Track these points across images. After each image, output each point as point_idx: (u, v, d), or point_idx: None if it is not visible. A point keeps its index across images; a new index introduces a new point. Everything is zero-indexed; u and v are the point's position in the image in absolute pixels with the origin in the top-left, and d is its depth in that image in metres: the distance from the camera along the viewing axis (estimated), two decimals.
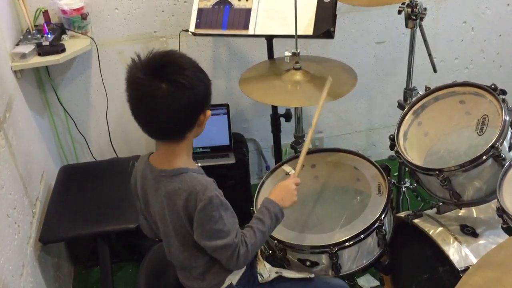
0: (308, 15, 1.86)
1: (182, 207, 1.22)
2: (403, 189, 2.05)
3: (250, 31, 1.91)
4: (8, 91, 1.82)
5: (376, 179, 1.64)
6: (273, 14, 1.90)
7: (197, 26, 1.98)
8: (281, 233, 1.53)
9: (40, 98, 2.31)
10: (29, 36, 2.04)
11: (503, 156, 1.38)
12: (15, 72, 1.96)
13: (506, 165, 1.32)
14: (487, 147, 1.37)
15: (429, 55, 1.94)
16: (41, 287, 1.78)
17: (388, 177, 1.62)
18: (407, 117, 1.62)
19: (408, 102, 1.90)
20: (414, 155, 1.60)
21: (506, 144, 1.41)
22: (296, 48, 1.77)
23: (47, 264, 1.90)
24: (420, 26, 1.84)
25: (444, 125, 1.62)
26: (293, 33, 1.79)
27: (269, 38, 2.01)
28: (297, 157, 1.80)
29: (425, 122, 1.64)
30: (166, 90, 1.15)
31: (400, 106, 1.90)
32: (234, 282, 1.39)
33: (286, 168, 1.77)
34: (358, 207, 1.63)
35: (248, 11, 1.92)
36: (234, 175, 2.38)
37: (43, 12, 2.12)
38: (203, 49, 2.42)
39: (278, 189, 1.41)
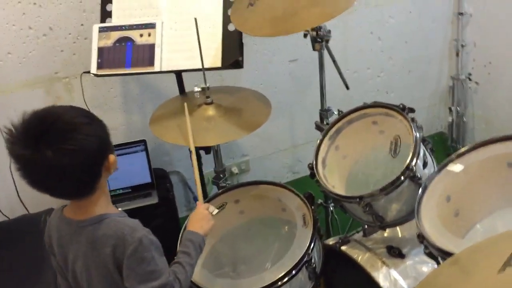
0: (214, 46, 1.81)
1: (110, 255, 1.16)
2: (331, 208, 2.04)
3: (156, 67, 1.82)
4: None
5: (300, 209, 1.60)
6: (178, 48, 1.83)
7: (99, 66, 1.86)
8: (213, 284, 1.47)
9: None
10: None
11: (419, 175, 1.38)
12: None
13: (422, 186, 1.33)
14: (403, 169, 1.37)
15: (340, 73, 1.94)
16: None
17: (312, 207, 1.59)
18: (323, 144, 1.60)
19: (324, 123, 1.89)
20: (335, 181, 1.59)
21: (420, 162, 1.42)
22: (205, 82, 1.71)
23: None
24: (327, 48, 1.83)
25: (361, 147, 1.63)
26: (205, 65, 1.73)
27: (178, 73, 1.94)
28: (221, 193, 1.75)
29: (342, 145, 1.63)
30: (52, 159, 1.06)
31: (318, 128, 1.88)
32: None
33: (210, 208, 1.69)
34: (287, 237, 1.60)
35: (151, 47, 1.83)
36: (160, 214, 2.28)
37: None
38: (111, 86, 2.31)
39: (194, 219, 1.40)
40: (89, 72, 1.90)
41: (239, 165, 2.76)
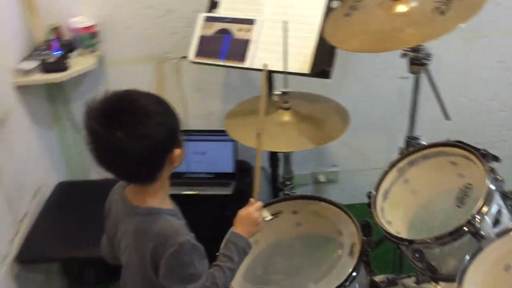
0: (306, 51, 1.76)
1: (150, 250, 1.17)
2: None
3: (247, 63, 1.83)
4: (2, 109, 1.85)
5: (351, 237, 1.51)
6: (272, 48, 1.81)
7: (197, 54, 1.93)
8: None
9: (49, 112, 2.34)
10: (37, 52, 2.07)
11: (483, 233, 1.22)
12: (17, 87, 1.99)
13: (476, 247, 1.16)
14: (464, 221, 1.22)
15: (439, 102, 1.78)
16: None
17: (368, 237, 1.49)
18: (389, 175, 1.49)
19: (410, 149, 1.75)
20: (396, 216, 1.47)
21: (488, 218, 1.25)
22: (286, 86, 1.68)
23: (31, 282, 1.91)
24: (427, 71, 1.69)
25: (434, 186, 1.48)
26: (291, 69, 1.71)
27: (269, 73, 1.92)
28: (280, 200, 1.72)
29: (413, 180, 1.51)
30: (121, 140, 1.09)
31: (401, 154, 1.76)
32: None
33: (264, 213, 1.67)
34: (336, 262, 1.53)
35: (247, 42, 1.84)
36: (233, 206, 2.30)
37: (54, 29, 2.15)
38: (215, 73, 2.37)
39: (242, 219, 1.34)
40: (186, 57, 1.96)
41: (327, 174, 2.70)
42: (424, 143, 1.74)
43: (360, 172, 2.69)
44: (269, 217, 1.65)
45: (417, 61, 1.62)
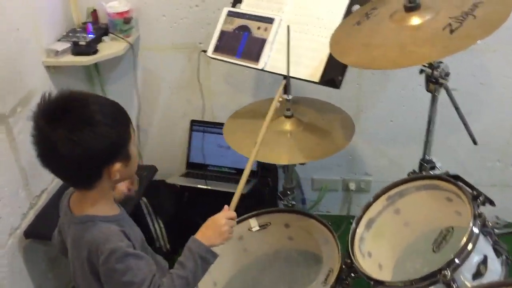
0: (320, 57, 1.66)
1: (86, 258, 1.18)
2: None
3: (260, 65, 1.76)
4: (27, 87, 1.93)
5: (330, 263, 1.42)
6: (290, 51, 1.72)
7: (216, 49, 1.89)
8: None
9: (88, 91, 2.42)
10: (71, 34, 2.14)
11: (457, 286, 1.09)
12: (52, 67, 2.07)
13: None
14: (434, 270, 1.10)
15: (465, 125, 1.61)
16: (21, 276, 1.89)
17: (350, 265, 1.38)
18: (377, 203, 1.37)
19: (423, 173, 1.61)
20: (381, 248, 1.35)
21: (467, 271, 1.11)
22: (288, 93, 1.59)
23: (38, 255, 2.00)
24: (448, 91, 1.53)
25: (428, 221, 1.34)
26: (303, 76, 1.63)
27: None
28: (271, 211, 1.66)
29: (405, 211, 1.37)
30: (58, 141, 1.09)
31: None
32: None
33: (252, 222, 1.62)
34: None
35: (263, 42, 1.77)
36: (246, 205, 2.27)
37: (92, 12, 2.21)
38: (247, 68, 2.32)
39: (207, 225, 1.27)
40: (205, 51, 1.93)
41: (358, 183, 2.57)
42: (439, 166, 1.58)
43: None
44: (256, 228, 1.61)
45: (433, 79, 1.46)
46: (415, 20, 1.33)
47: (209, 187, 2.23)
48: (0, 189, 1.77)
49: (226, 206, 1.32)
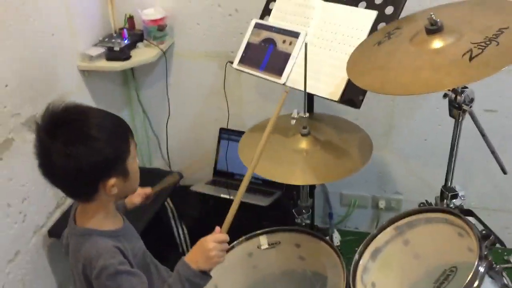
0: (342, 75, 1.61)
1: (81, 270, 1.21)
2: None
3: (282, 79, 1.74)
4: (60, 90, 2.00)
5: None
6: (309, 65, 1.69)
7: (241, 61, 1.88)
8: None
9: (122, 95, 2.49)
10: (107, 39, 2.20)
11: None
12: (82, 71, 2.13)
13: None
14: None
15: (492, 152, 1.52)
16: (44, 273, 1.95)
17: None
18: (385, 232, 1.31)
19: (444, 202, 1.54)
20: (387, 279, 1.30)
21: None
22: (305, 111, 1.56)
23: (62, 254, 2.06)
24: (473, 117, 1.45)
25: (440, 255, 1.27)
26: (323, 94, 1.60)
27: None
28: (283, 230, 1.63)
29: (416, 243, 1.31)
30: (54, 153, 1.12)
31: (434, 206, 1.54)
32: None
33: (262, 240, 1.60)
34: None
35: (287, 56, 1.75)
36: (272, 216, 2.25)
37: (129, 18, 2.26)
38: None
39: (196, 247, 1.23)
40: (231, 62, 1.93)
41: (388, 201, 2.49)
42: (462, 195, 1.50)
43: None
44: (265, 246, 1.59)
45: (456, 104, 1.39)
46: (435, 43, 1.27)
47: (231, 198, 2.22)
48: (27, 187, 1.84)
49: (217, 228, 1.25)
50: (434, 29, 1.28)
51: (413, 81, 1.18)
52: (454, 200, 1.51)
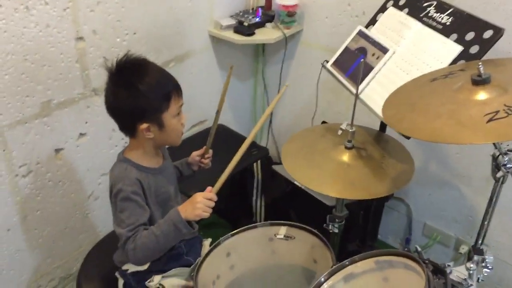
0: None
1: (109, 188, 1.48)
2: None
3: (358, 90, 1.75)
4: (187, 47, 2.29)
5: None
6: (385, 84, 1.68)
7: (335, 62, 1.93)
8: None
9: (250, 66, 2.71)
10: (241, 13, 2.42)
11: None
12: (212, 37, 2.39)
13: None
14: None
15: None
16: None
17: None
18: (366, 261, 1.30)
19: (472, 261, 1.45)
20: None
21: None
22: (352, 125, 1.58)
23: None
24: None
25: None
26: (378, 112, 1.59)
27: None
28: (302, 228, 1.69)
29: (395, 283, 1.29)
30: (108, 92, 1.41)
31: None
32: (129, 271, 1.56)
33: (282, 230, 1.69)
34: None
35: (370, 69, 1.75)
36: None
37: None
38: None
39: (188, 200, 1.42)
40: (327, 61, 1.98)
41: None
42: (488, 260, 1.40)
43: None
44: (281, 236, 1.68)
45: (495, 163, 1.28)
46: (474, 95, 1.19)
47: (302, 187, 2.31)
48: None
49: (209, 188, 1.42)
50: (479, 80, 1.20)
51: (429, 127, 1.14)
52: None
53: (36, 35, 1.70)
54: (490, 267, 1.42)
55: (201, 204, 1.38)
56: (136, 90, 1.36)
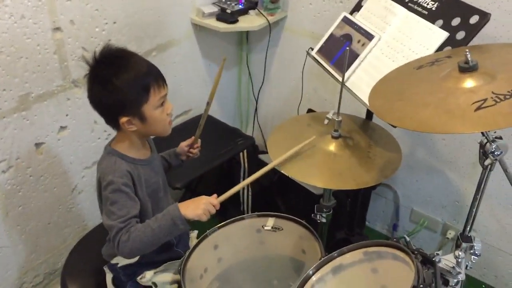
0: None
1: (98, 180, 1.45)
2: None
3: (344, 79, 1.73)
4: (169, 36, 2.24)
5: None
6: (371, 72, 1.66)
7: (320, 50, 1.90)
8: None
9: (234, 54, 2.67)
10: (224, 0, 2.37)
11: None
12: (194, 25, 2.35)
13: None
14: None
15: None
16: None
17: None
18: (354, 252, 1.29)
19: (460, 249, 1.44)
20: None
21: None
22: (338, 114, 1.56)
23: None
24: (505, 170, 1.31)
25: None
26: (364, 99, 1.58)
27: None
28: (289, 219, 1.67)
29: (384, 273, 1.28)
30: (88, 86, 1.38)
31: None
32: (120, 264, 1.55)
33: (269, 221, 1.67)
34: None
35: (355, 56, 1.73)
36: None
37: None
38: None
39: (192, 199, 1.42)
40: (312, 49, 1.96)
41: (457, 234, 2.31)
42: (476, 248, 1.40)
43: (502, 254, 2.22)
44: (268, 227, 1.67)
45: (483, 151, 1.27)
46: (461, 83, 1.17)
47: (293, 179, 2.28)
48: None
49: (215, 195, 1.43)
50: (466, 67, 1.18)
51: (412, 116, 1.12)
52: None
53: (11, 27, 1.64)
54: (478, 254, 1.42)
55: (204, 206, 1.38)
56: (112, 85, 1.33)
